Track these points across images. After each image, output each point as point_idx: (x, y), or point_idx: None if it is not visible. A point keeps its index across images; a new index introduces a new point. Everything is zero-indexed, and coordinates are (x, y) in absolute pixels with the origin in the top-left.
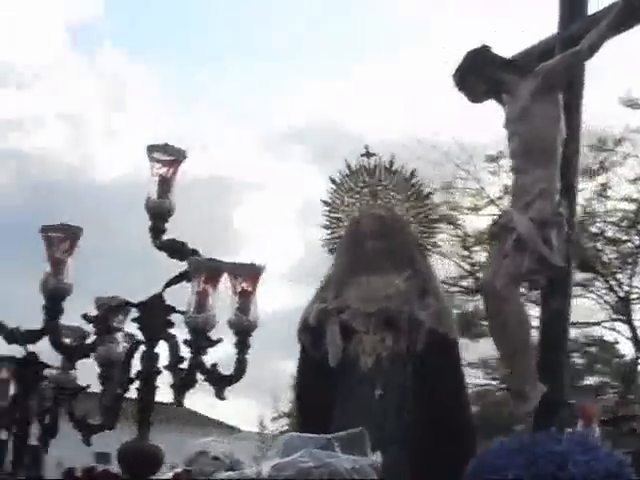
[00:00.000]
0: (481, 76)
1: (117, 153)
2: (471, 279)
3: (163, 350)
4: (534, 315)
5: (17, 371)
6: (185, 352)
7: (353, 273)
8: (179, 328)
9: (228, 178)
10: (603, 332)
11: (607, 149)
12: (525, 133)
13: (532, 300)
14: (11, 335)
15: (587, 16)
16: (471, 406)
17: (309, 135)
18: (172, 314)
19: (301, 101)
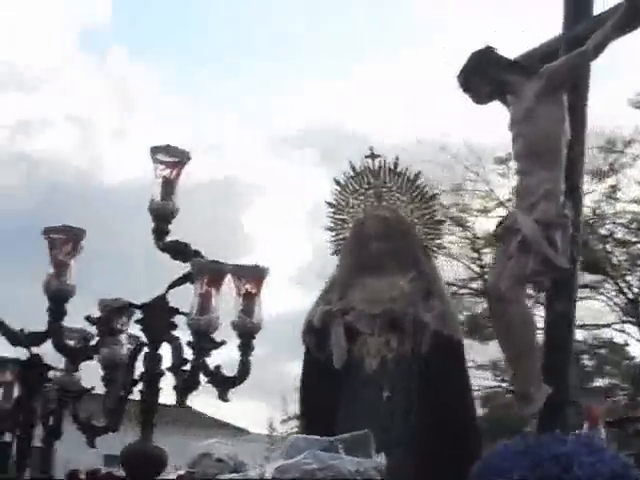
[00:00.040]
0: (486, 77)
1: (126, 155)
2: (480, 281)
3: (166, 352)
4: (539, 316)
5: (21, 373)
6: (189, 354)
7: (358, 275)
8: (183, 330)
9: (236, 180)
10: (613, 334)
11: (616, 151)
12: (530, 134)
13: (539, 302)
14: (15, 337)
15: (592, 17)
16: (476, 408)
17: (316, 137)
18: (175, 316)
19: (308, 102)
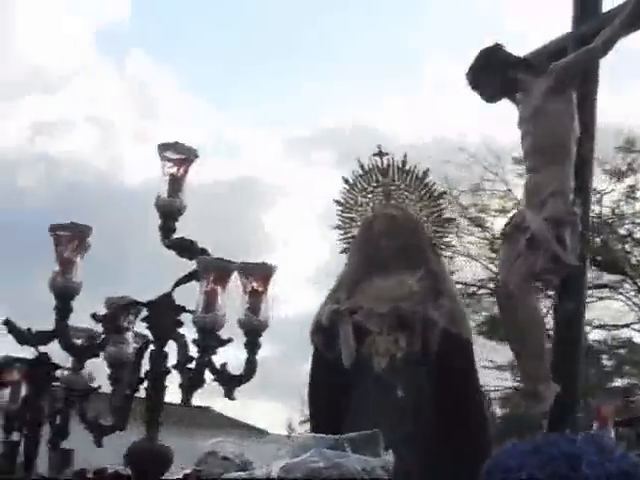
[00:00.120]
0: (494, 75)
1: (146, 156)
2: None
3: (173, 350)
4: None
5: (29, 372)
6: (195, 352)
7: (366, 273)
8: (189, 328)
9: (256, 181)
10: (632, 334)
11: (635, 150)
12: (538, 132)
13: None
14: (22, 336)
15: (601, 14)
16: (486, 406)
17: (334, 138)
18: (182, 314)
19: (325, 103)
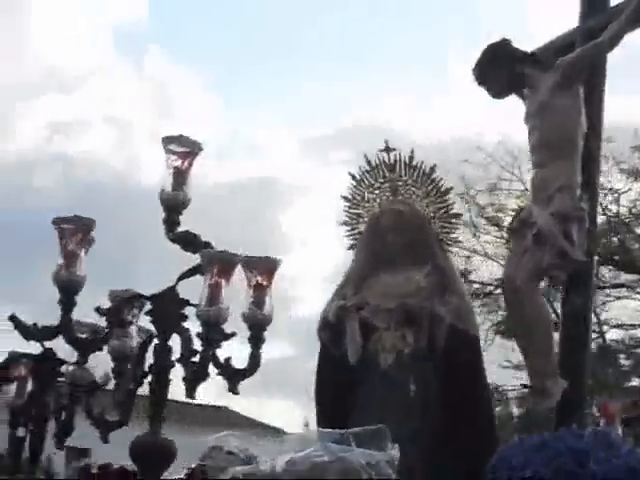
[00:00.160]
0: (501, 70)
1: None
2: None
3: (177, 344)
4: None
5: (34, 368)
6: (199, 346)
7: (373, 269)
8: (193, 322)
9: (274, 180)
10: None
11: None
12: (545, 127)
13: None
14: (28, 331)
15: (609, 8)
16: (493, 403)
17: (354, 138)
18: (186, 307)
19: (343, 103)
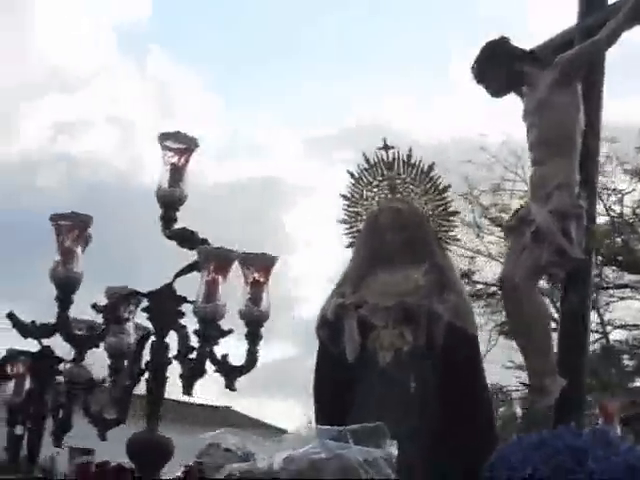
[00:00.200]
0: (500, 68)
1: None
2: None
3: (173, 342)
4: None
5: (32, 366)
6: (196, 343)
7: (371, 267)
8: (191, 319)
9: (277, 180)
10: None
11: None
12: (544, 124)
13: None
14: (26, 329)
15: (607, 6)
16: (492, 402)
17: (358, 138)
18: (183, 304)
19: (345, 103)
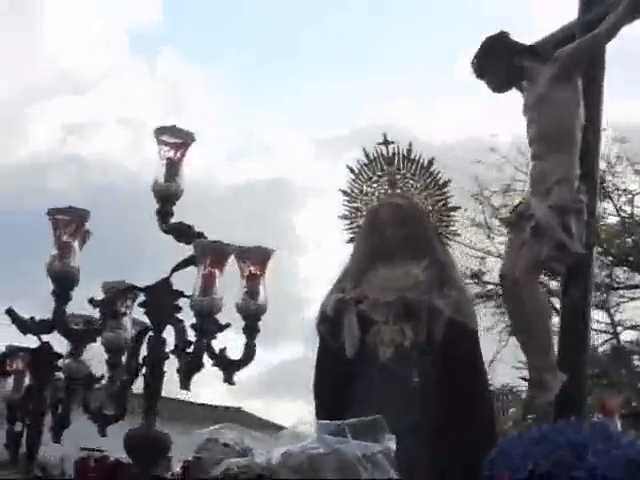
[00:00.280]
0: (500, 63)
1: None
2: None
3: (171, 337)
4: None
5: (31, 362)
6: (194, 337)
7: (372, 262)
8: (188, 314)
9: (287, 181)
10: None
11: None
12: (543, 119)
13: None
14: (25, 325)
15: (607, 0)
16: (492, 398)
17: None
18: (180, 299)
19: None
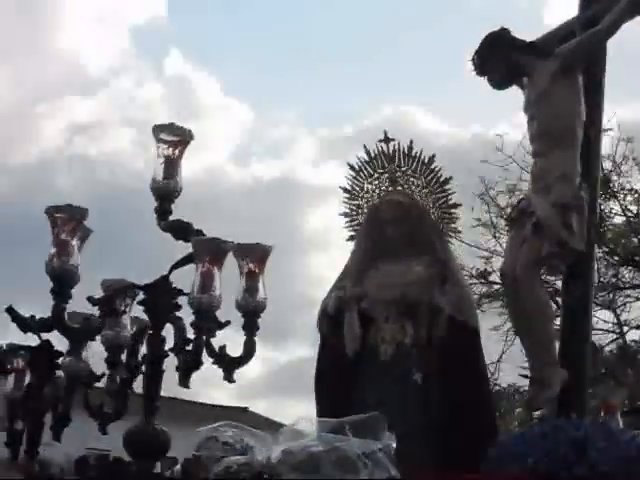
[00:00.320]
0: (500, 59)
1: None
2: None
3: (170, 335)
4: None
5: (32, 360)
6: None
7: (372, 260)
8: (187, 312)
9: (298, 182)
10: None
11: None
12: (544, 116)
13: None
14: (25, 324)
15: None
16: (492, 395)
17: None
18: (179, 297)
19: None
